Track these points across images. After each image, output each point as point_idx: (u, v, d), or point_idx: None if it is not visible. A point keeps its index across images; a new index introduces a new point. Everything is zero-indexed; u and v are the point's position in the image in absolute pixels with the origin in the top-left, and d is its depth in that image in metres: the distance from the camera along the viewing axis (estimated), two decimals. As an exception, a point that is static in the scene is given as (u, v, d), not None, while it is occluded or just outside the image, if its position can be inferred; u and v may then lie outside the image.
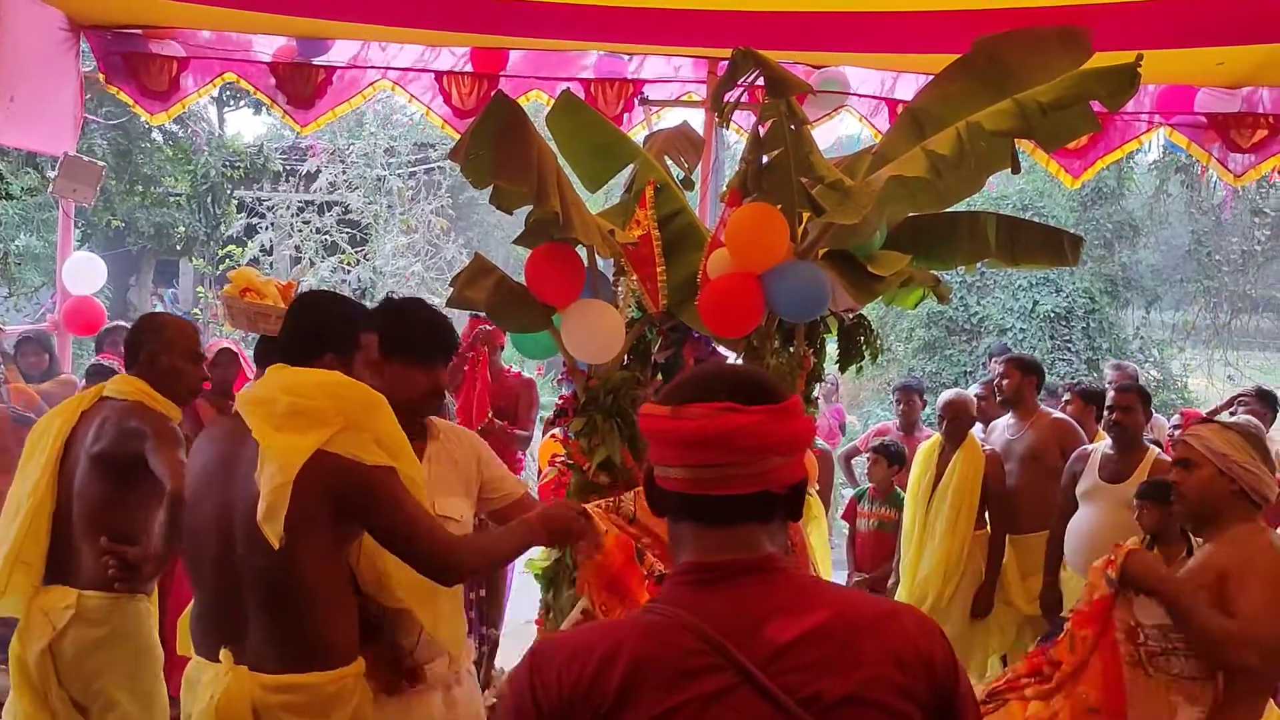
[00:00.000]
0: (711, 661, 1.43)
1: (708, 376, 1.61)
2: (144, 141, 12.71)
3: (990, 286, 14.38)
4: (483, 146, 3.56)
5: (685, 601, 1.50)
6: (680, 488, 1.55)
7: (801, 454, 1.59)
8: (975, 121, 3.67)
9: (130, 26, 6.62)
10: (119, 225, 13.72)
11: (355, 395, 2.54)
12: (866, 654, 1.45)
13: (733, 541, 1.53)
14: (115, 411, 3.45)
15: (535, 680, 1.48)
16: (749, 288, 3.91)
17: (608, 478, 4.17)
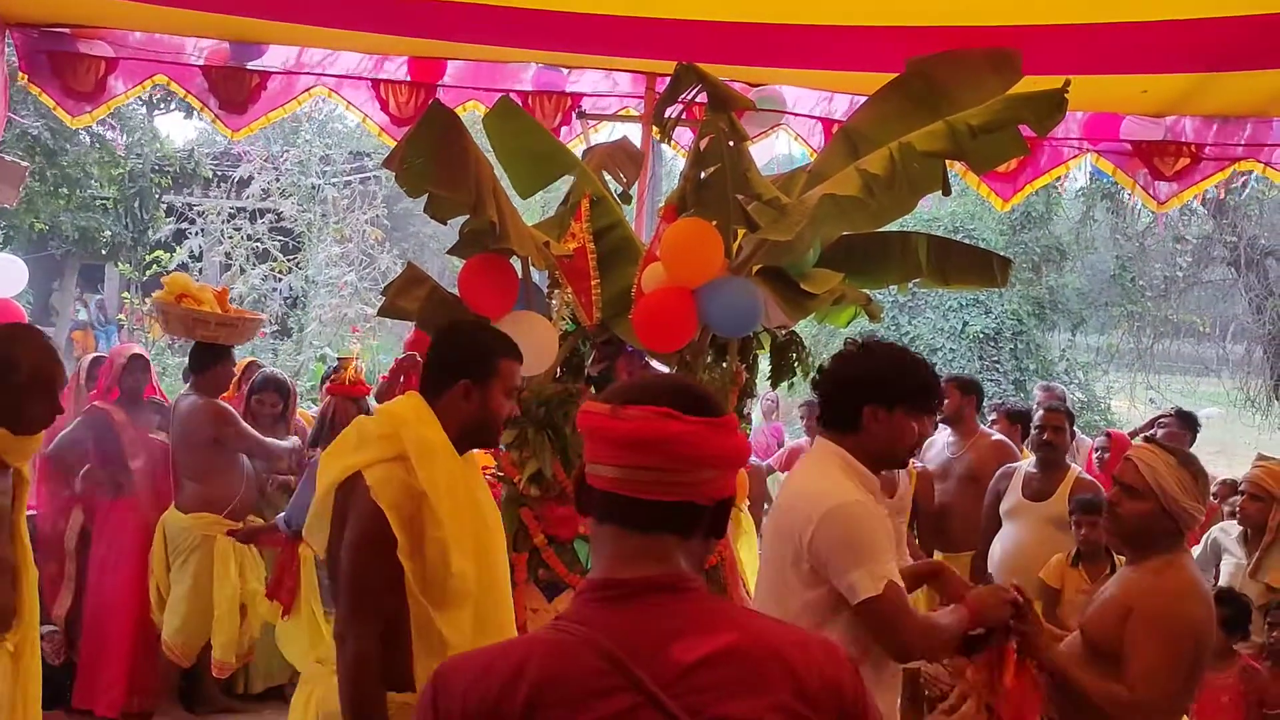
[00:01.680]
0: (615, 682, 1.42)
1: (652, 382, 1.63)
2: (69, 143, 12.46)
3: (921, 307, 14.58)
4: (419, 155, 3.54)
5: (592, 619, 1.49)
6: (609, 487, 1.54)
7: (733, 471, 1.60)
8: (907, 142, 3.72)
9: (59, 25, 6.47)
10: (42, 229, 13.44)
11: (420, 436, 2.59)
12: (772, 679, 1.45)
13: (649, 552, 1.52)
14: None
15: (439, 703, 1.47)
16: (683, 302, 3.93)
17: (538, 490, 4.16)
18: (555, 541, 4.16)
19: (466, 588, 2.58)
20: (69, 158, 12.47)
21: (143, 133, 14.30)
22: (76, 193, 13.05)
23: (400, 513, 2.51)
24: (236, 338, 5.64)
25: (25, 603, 3.35)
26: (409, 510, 2.53)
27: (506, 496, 4.21)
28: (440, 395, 2.71)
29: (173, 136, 15.15)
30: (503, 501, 4.22)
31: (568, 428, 4.17)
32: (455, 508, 2.59)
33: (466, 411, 2.71)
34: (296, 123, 15.15)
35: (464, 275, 3.99)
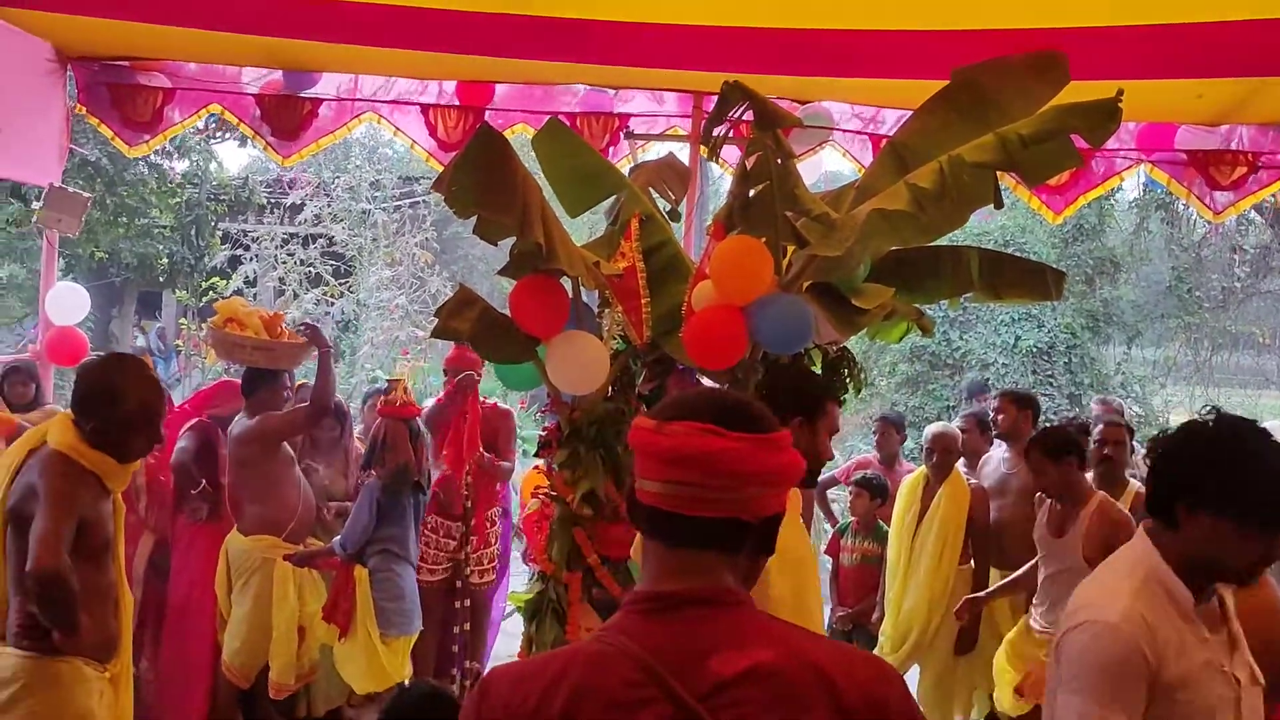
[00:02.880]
0: (652, 693, 1.43)
1: (698, 397, 1.62)
2: (127, 172, 12.70)
3: (973, 322, 14.44)
4: (467, 177, 3.57)
5: (632, 630, 1.49)
6: (654, 502, 1.55)
7: (783, 488, 1.59)
8: (957, 155, 3.69)
9: (118, 58, 6.62)
10: (102, 256, 13.70)
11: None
12: (813, 697, 1.44)
13: (693, 567, 1.52)
14: (37, 461, 3.24)
15: (483, 707, 1.49)
16: (733, 320, 3.91)
17: (591, 510, 4.16)
18: (609, 561, 4.15)
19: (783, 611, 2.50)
20: (128, 187, 12.71)
21: (198, 161, 14.54)
22: (135, 221, 13.28)
23: None
24: (277, 362, 5.62)
25: (124, 631, 3.42)
26: None
27: (559, 516, 4.21)
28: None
29: (227, 165, 15.41)
30: (555, 521, 4.23)
31: (620, 447, 4.17)
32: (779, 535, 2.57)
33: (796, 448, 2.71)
34: (347, 149, 15.36)
35: (515, 296, 4.01)
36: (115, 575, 3.41)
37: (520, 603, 4.33)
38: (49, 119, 6.58)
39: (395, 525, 5.46)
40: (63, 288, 6.90)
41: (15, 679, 3.15)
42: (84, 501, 3.20)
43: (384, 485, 5.41)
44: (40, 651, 3.15)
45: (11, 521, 3.21)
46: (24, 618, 3.13)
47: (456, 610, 5.87)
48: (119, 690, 3.38)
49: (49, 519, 3.07)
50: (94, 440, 3.24)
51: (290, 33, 5.78)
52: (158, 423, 3.39)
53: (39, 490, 3.13)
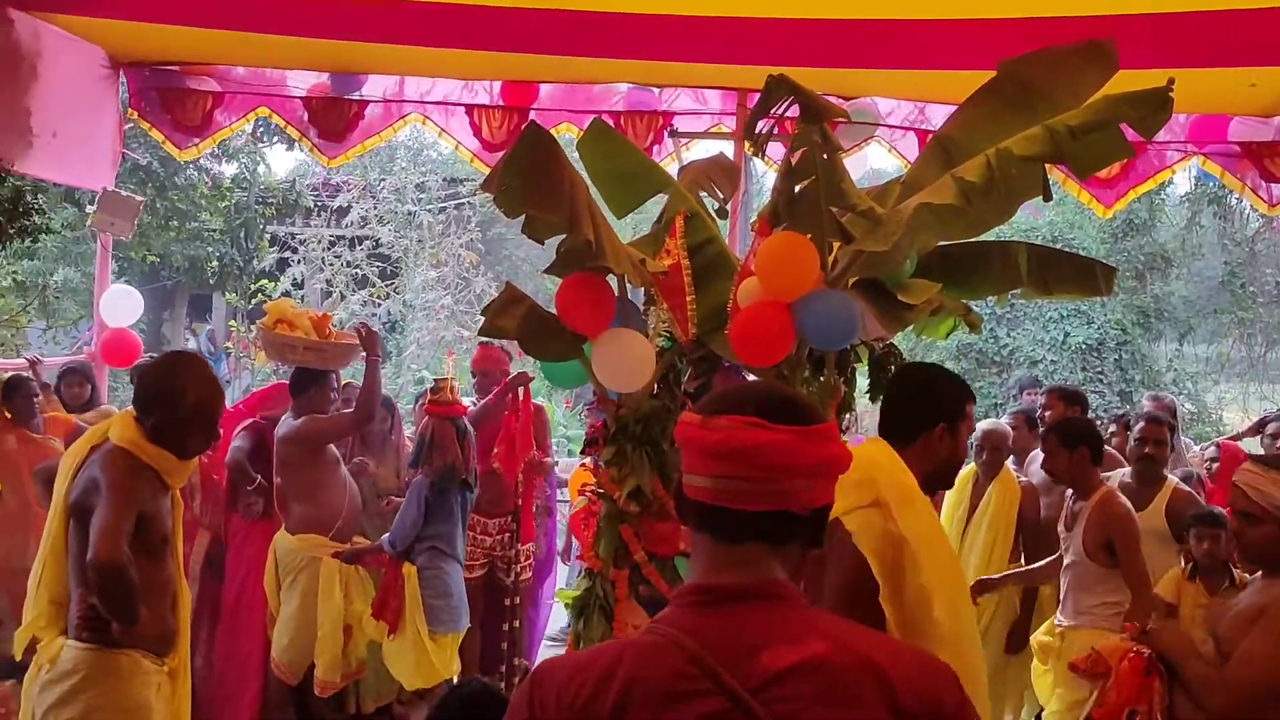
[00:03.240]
0: (703, 685, 1.42)
1: (743, 391, 1.62)
2: (178, 176, 12.89)
3: (1020, 319, 14.30)
4: (515, 176, 3.58)
5: (683, 623, 1.49)
6: (702, 497, 1.55)
7: (830, 479, 1.58)
8: (1005, 148, 3.65)
9: (169, 63, 6.73)
10: (154, 260, 13.89)
11: (899, 482, 2.56)
12: (864, 691, 1.43)
13: (743, 561, 1.52)
14: (99, 456, 3.30)
15: (535, 696, 1.50)
16: (779, 316, 3.90)
17: (638, 507, 4.16)
18: (655, 558, 4.15)
19: (944, 635, 2.48)
20: (178, 191, 12.89)
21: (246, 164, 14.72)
22: (185, 224, 13.46)
23: (882, 559, 2.46)
24: (327, 363, 5.66)
25: (182, 626, 3.47)
26: (890, 556, 2.47)
27: (606, 513, 4.22)
28: (914, 439, 2.70)
29: (274, 169, 15.58)
30: (602, 518, 4.24)
31: (666, 444, 4.17)
32: (934, 554, 2.53)
33: (940, 454, 2.72)
34: (392, 152, 15.50)
35: (561, 293, 4.02)
36: (173, 570, 3.47)
37: (568, 600, 4.34)
38: (102, 124, 6.70)
39: (443, 523, 5.50)
40: (116, 290, 7.01)
41: (76, 670, 3.21)
42: (144, 496, 3.25)
43: (431, 483, 5.44)
44: (100, 644, 3.21)
45: (74, 515, 3.27)
46: (85, 610, 3.19)
47: (505, 607, 5.90)
48: (177, 684, 3.44)
49: (110, 512, 3.12)
50: (154, 436, 3.30)
51: (337, 34, 5.84)
52: (215, 420, 3.46)
53: (100, 484, 3.19)
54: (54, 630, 3.33)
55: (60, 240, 12.64)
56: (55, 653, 3.25)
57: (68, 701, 3.19)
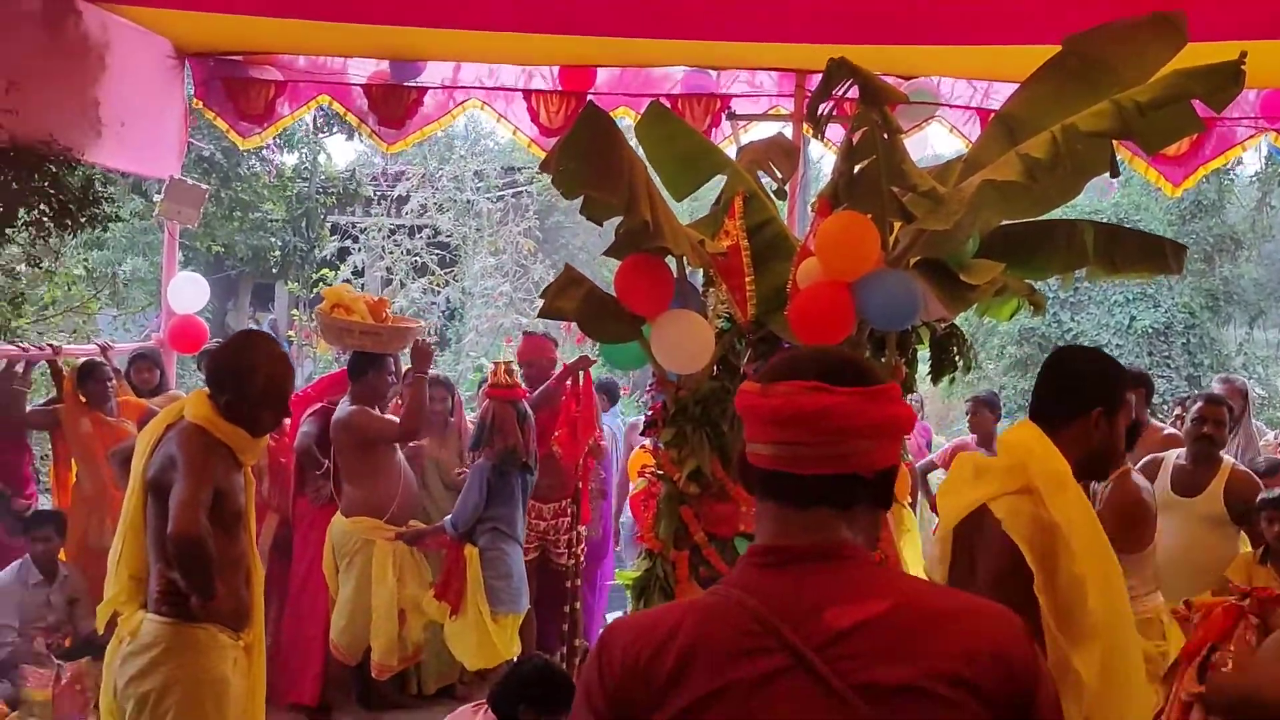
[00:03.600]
0: (765, 643, 1.42)
1: (802, 356, 1.61)
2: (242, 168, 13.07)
3: (1084, 302, 14.09)
4: (574, 157, 3.59)
5: (748, 583, 1.50)
6: (765, 464, 1.54)
7: (894, 440, 1.56)
8: (1071, 124, 3.58)
9: (232, 53, 6.82)
10: (219, 250, 14.10)
11: (1051, 469, 2.49)
12: (931, 646, 1.41)
13: (808, 524, 1.51)
14: (175, 434, 3.37)
15: (602, 658, 1.51)
16: (839, 297, 3.87)
17: (698, 488, 4.17)
18: (715, 539, 4.16)
19: (1099, 624, 2.42)
20: (241, 181, 13.06)
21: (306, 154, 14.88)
22: (249, 215, 13.64)
23: (1033, 546, 2.40)
24: (384, 346, 5.71)
25: (256, 602, 3.53)
26: (1042, 543, 2.41)
27: (666, 495, 4.23)
28: (1068, 424, 2.61)
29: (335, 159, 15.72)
30: (662, 500, 4.24)
31: (725, 425, 4.17)
32: (1088, 541, 2.46)
33: (1094, 440, 2.63)
34: (450, 141, 15.59)
35: (620, 275, 4.02)
36: (246, 546, 3.54)
37: (628, 581, 4.36)
38: (169, 114, 6.81)
39: (504, 505, 5.54)
40: (183, 277, 7.14)
41: (156, 643, 3.28)
42: (218, 472, 3.32)
43: (493, 466, 5.48)
44: (179, 618, 3.28)
45: (151, 492, 3.35)
46: (164, 584, 3.26)
47: (565, 590, 5.93)
48: (253, 658, 3.52)
49: (187, 486, 3.19)
50: (228, 414, 3.36)
51: (396, 20, 5.88)
52: (286, 397, 3.54)
53: (177, 461, 3.25)
54: (134, 605, 3.40)
55: (128, 230, 12.89)
56: (135, 626, 3.33)
57: (148, 673, 3.27)
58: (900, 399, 1.57)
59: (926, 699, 1.38)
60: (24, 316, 7.19)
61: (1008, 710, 1.42)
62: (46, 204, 5.70)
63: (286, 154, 14.57)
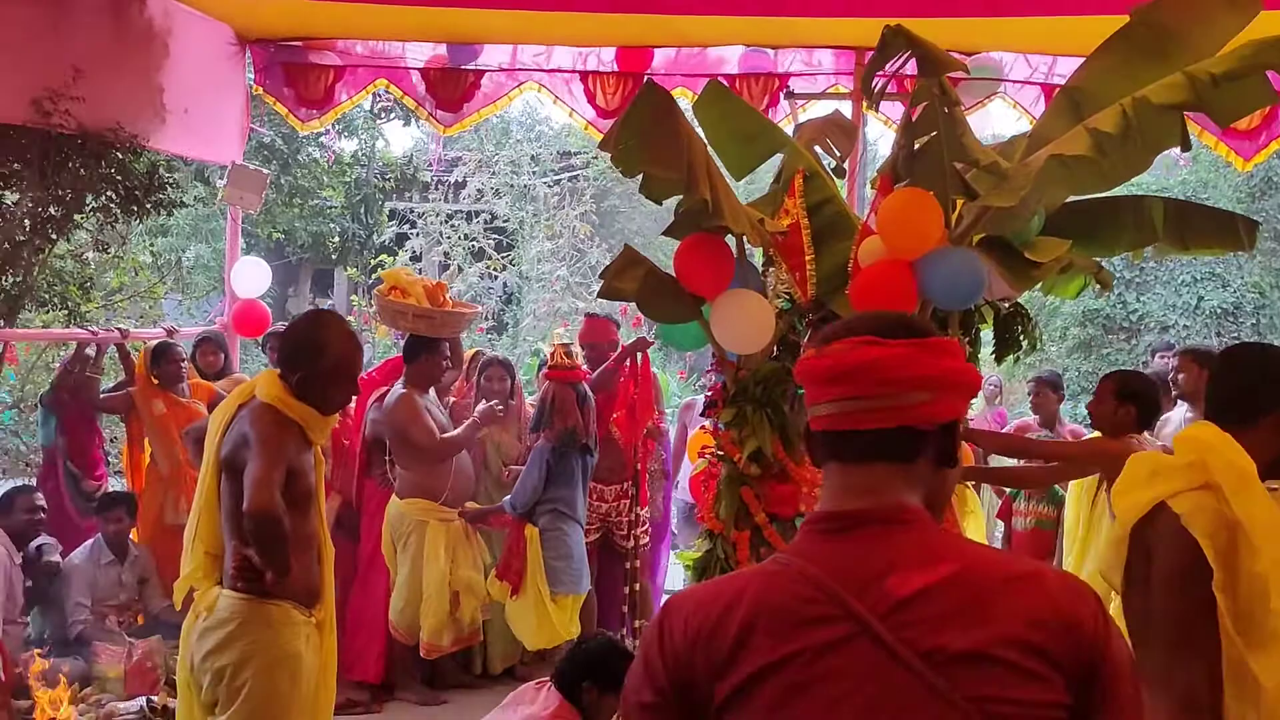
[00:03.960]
0: (828, 611, 1.41)
1: (856, 318, 1.59)
2: (302, 154, 13.21)
3: (1150, 282, 13.82)
4: (633, 135, 3.58)
5: (809, 551, 1.48)
6: (825, 425, 1.53)
7: (954, 393, 1.53)
8: (1141, 96, 3.51)
9: (292, 38, 6.88)
10: (279, 236, 14.28)
11: (1234, 465, 2.39)
12: (997, 611, 1.38)
13: (870, 486, 1.49)
14: (247, 412, 3.40)
15: (664, 628, 1.49)
16: (901, 275, 3.83)
17: (758, 469, 4.15)
18: (776, 520, 4.14)
19: None
20: (301, 168, 13.21)
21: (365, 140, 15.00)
22: (308, 201, 13.80)
23: (1215, 543, 2.30)
24: (437, 330, 5.71)
25: (327, 580, 3.59)
26: (1224, 541, 2.32)
27: (726, 475, 4.21)
28: (1254, 422, 2.48)
29: (392, 145, 15.81)
30: (723, 480, 4.23)
31: (786, 405, 4.14)
32: (1271, 540, 2.34)
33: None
34: (506, 125, 15.63)
35: (680, 255, 4.01)
36: (318, 525, 3.58)
37: (689, 561, 4.35)
38: (231, 100, 6.90)
39: (564, 486, 5.56)
40: (246, 263, 7.23)
41: (232, 618, 3.32)
42: (290, 450, 3.35)
43: (553, 447, 5.50)
44: (254, 594, 3.31)
45: (225, 470, 3.39)
46: (239, 561, 3.30)
47: (625, 571, 5.94)
48: (324, 635, 3.56)
49: (262, 463, 3.22)
50: (299, 392, 3.38)
51: (454, 2, 5.88)
52: (356, 375, 3.55)
53: (250, 439, 3.29)
54: (210, 581, 3.44)
55: (192, 216, 13.08)
56: (212, 601, 3.37)
57: (225, 648, 3.31)
58: (959, 354, 1.54)
59: (994, 665, 1.36)
60: (93, 301, 7.33)
61: (1077, 675, 1.39)
62: (113, 190, 5.81)
63: (345, 140, 14.71)
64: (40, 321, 7.11)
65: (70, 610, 5.61)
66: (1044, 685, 1.37)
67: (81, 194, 5.73)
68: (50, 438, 6.33)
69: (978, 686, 1.36)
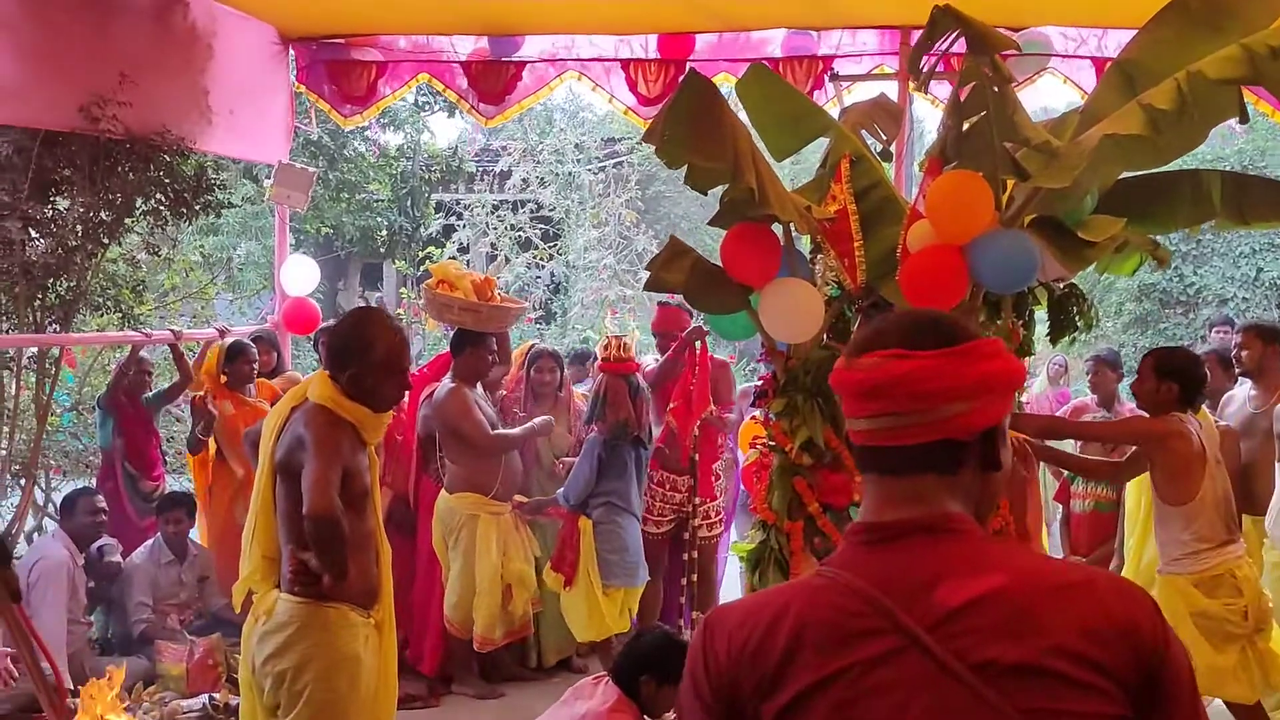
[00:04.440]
0: (876, 624, 1.37)
1: (886, 323, 1.54)
2: (348, 149, 13.30)
3: (1208, 255, 13.56)
4: (676, 125, 3.54)
5: (854, 563, 1.44)
6: (862, 440, 1.49)
7: (993, 398, 1.47)
8: (1196, 70, 3.41)
9: (334, 36, 6.91)
10: (328, 231, 14.39)
11: None
12: (1049, 621, 1.34)
13: (911, 496, 1.45)
14: (300, 415, 3.39)
15: (707, 645, 1.46)
16: (952, 260, 3.76)
17: (811, 458, 4.11)
18: (830, 509, 4.10)
19: None
20: (348, 162, 13.31)
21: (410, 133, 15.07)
22: (355, 196, 13.89)
23: None
24: (483, 325, 5.70)
25: (385, 579, 3.60)
26: None
27: (779, 466, 4.18)
28: None
29: (436, 138, 15.88)
30: (775, 471, 4.20)
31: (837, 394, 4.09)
32: None
33: None
34: (549, 114, 15.63)
35: (726, 244, 3.97)
36: (374, 525, 3.58)
37: (743, 553, 4.33)
38: (275, 99, 6.94)
39: (617, 479, 5.55)
40: (295, 260, 7.29)
41: (290, 622, 3.34)
42: (346, 451, 3.35)
43: (605, 440, 5.49)
44: (311, 597, 3.33)
45: (281, 473, 3.40)
46: (296, 565, 3.31)
47: (684, 562, 5.93)
48: (383, 635, 3.56)
49: (319, 466, 3.22)
50: (350, 391, 3.38)
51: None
52: (406, 368, 3.54)
53: (305, 441, 3.29)
54: (268, 584, 3.46)
55: (241, 215, 13.22)
56: (270, 605, 3.39)
57: (284, 652, 3.33)
58: (996, 355, 1.48)
59: (1047, 676, 1.32)
60: (146, 304, 7.42)
61: (1135, 684, 1.35)
62: (162, 193, 5.88)
63: (390, 133, 14.79)
64: (95, 325, 7.20)
65: (132, 610, 5.70)
66: (1099, 696, 1.33)
67: (131, 198, 5.80)
68: (108, 440, 6.43)
69: (1031, 699, 1.32)
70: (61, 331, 6.11)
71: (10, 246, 5.64)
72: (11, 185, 5.60)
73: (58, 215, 5.87)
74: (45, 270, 5.81)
